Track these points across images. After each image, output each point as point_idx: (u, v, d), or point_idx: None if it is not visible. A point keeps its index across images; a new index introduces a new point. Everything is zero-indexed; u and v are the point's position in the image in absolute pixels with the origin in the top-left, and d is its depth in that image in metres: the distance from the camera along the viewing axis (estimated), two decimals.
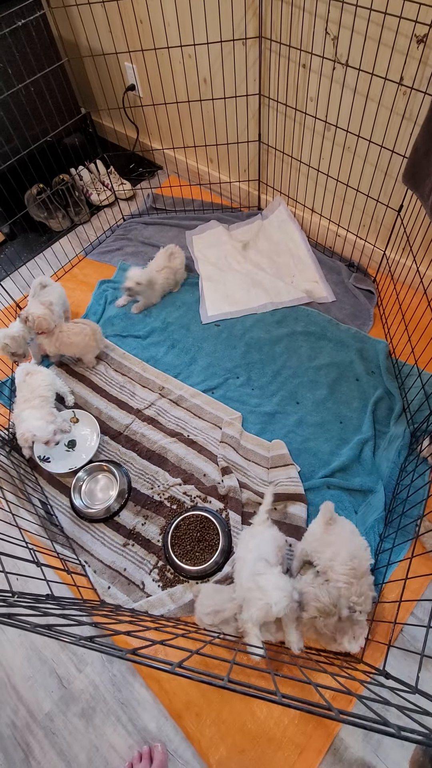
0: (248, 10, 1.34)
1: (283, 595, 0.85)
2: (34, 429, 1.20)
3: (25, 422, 1.22)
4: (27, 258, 1.86)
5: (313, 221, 1.70)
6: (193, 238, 1.83)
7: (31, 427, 1.20)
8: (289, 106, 1.45)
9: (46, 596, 0.82)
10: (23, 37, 1.51)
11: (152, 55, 1.65)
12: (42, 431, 1.20)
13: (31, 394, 1.27)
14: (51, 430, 1.21)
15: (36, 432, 1.20)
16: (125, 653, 0.46)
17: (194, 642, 0.87)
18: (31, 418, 1.22)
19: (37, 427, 1.20)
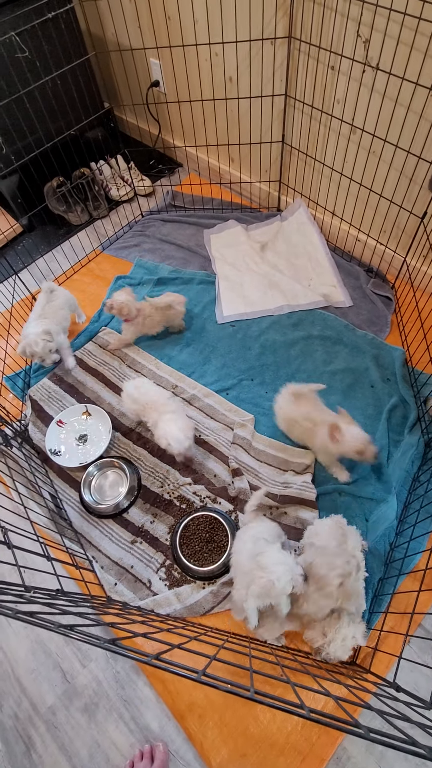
0: (279, 10, 1.33)
1: (285, 569, 0.84)
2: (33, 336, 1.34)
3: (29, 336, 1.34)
4: (44, 250, 1.87)
5: (333, 224, 1.69)
6: (210, 237, 1.83)
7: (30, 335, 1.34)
8: (315, 107, 1.44)
9: (57, 592, 0.82)
10: (52, 30, 1.51)
11: (178, 51, 1.64)
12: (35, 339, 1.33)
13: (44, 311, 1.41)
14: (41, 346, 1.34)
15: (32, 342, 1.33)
16: (151, 658, 0.45)
17: (206, 645, 0.86)
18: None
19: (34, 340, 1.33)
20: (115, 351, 1.56)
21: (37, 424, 1.42)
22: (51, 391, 1.49)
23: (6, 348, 1.50)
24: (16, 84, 1.51)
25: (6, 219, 1.90)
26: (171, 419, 1.20)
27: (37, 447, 1.38)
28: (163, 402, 1.24)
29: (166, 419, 1.21)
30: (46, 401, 1.46)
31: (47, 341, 1.36)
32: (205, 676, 0.43)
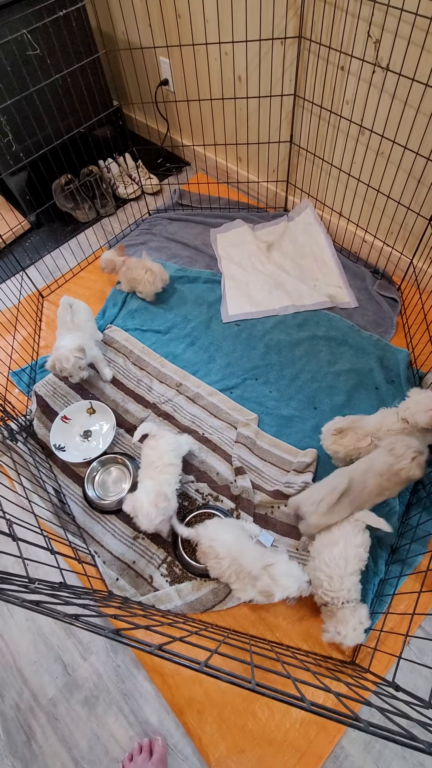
0: (290, 10, 1.33)
1: (293, 582, 0.93)
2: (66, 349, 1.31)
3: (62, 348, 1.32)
4: (52, 247, 1.88)
5: (340, 225, 1.69)
6: (217, 236, 1.83)
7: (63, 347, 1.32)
8: (324, 108, 1.44)
9: (60, 584, 0.83)
10: (63, 28, 1.52)
11: (188, 50, 1.65)
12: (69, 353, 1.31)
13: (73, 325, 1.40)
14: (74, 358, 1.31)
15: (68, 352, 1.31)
16: (154, 648, 0.46)
17: (206, 640, 0.87)
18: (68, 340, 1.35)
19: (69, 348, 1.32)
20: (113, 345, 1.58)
21: (42, 420, 1.43)
22: (56, 386, 1.50)
23: (12, 343, 1.51)
24: (26, 81, 1.52)
25: (14, 215, 1.92)
26: (146, 488, 1.10)
27: (42, 442, 1.39)
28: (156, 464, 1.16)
29: (142, 486, 1.12)
30: (51, 397, 1.48)
31: (79, 358, 1.31)
32: (207, 666, 0.44)
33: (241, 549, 1.01)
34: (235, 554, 1.00)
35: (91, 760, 0.98)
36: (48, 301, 1.73)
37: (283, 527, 1.19)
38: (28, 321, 1.63)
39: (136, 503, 1.06)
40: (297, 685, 0.48)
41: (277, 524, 1.20)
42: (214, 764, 0.95)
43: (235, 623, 1.08)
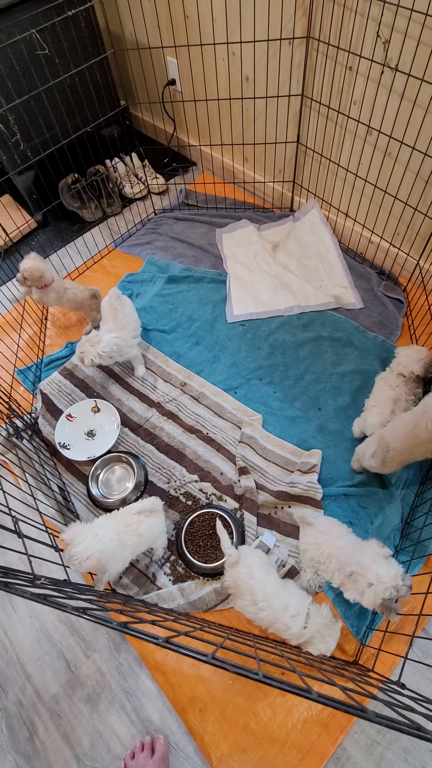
0: (298, 10, 1.33)
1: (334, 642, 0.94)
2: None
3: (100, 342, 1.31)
4: (58, 246, 1.88)
5: (346, 226, 1.69)
6: (223, 236, 1.83)
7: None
8: (332, 108, 1.43)
9: (64, 581, 0.83)
10: (72, 27, 1.53)
11: (196, 50, 1.65)
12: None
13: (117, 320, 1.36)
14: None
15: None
16: (161, 640, 0.47)
17: (211, 637, 0.87)
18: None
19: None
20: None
21: (47, 418, 1.44)
22: (61, 385, 1.50)
23: (18, 342, 1.52)
24: (35, 80, 1.53)
25: (21, 214, 1.92)
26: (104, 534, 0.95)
27: (47, 440, 1.40)
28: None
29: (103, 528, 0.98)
30: (56, 395, 1.48)
31: (95, 358, 1.31)
32: (214, 658, 0.44)
33: (283, 601, 0.94)
34: (275, 606, 0.93)
35: (93, 757, 0.99)
36: None
37: (286, 528, 1.19)
38: (34, 320, 1.64)
39: (78, 536, 0.91)
40: (303, 678, 0.48)
41: (281, 525, 1.20)
42: (215, 763, 0.95)
43: (237, 623, 1.08)
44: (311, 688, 0.40)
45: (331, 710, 0.99)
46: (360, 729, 0.97)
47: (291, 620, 0.92)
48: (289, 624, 0.92)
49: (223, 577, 1.11)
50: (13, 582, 0.49)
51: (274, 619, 0.92)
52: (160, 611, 0.92)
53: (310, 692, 0.39)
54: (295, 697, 1.01)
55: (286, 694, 1.02)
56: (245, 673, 0.43)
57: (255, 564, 0.97)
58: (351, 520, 1.19)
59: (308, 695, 0.42)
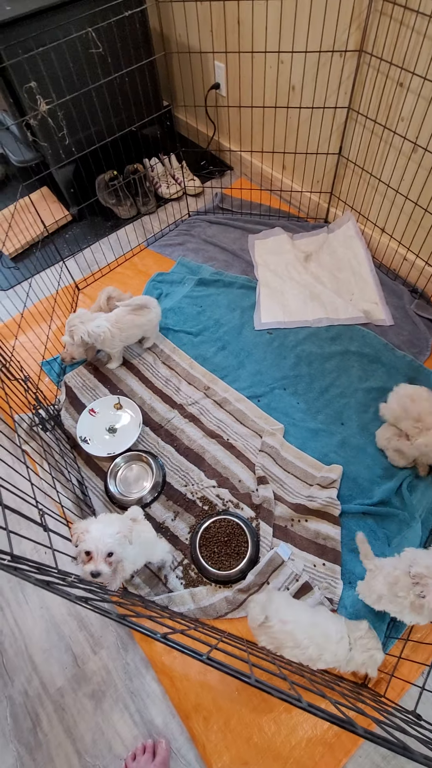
0: (353, 23, 1.32)
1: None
2: None
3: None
4: (91, 241, 1.90)
5: (381, 241, 1.67)
6: (255, 243, 1.83)
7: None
8: (378, 123, 1.42)
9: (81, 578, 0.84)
10: (127, 28, 1.55)
11: (244, 56, 1.65)
12: None
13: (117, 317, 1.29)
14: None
15: None
16: (159, 635, 0.47)
17: (211, 640, 0.87)
18: None
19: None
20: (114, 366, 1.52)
21: (70, 411, 1.45)
22: (86, 379, 1.52)
23: (48, 333, 1.54)
24: (86, 78, 1.55)
25: (59, 207, 1.95)
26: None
27: (68, 432, 1.41)
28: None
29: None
30: (80, 389, 1.49)
31: (92, 334, 1.33)
32: (209, 659, 0.43)
33: (323, 630, 0.91)
34: (317, 638, 0.90)
35: (94, 754, 0.99)
36: (83, 293, 1.76)
37: (302, 542, 1.18)
38: (64, 312, 1.66)
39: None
40: (294, 687, 0.47)
41: (296, 538, 1.19)
42: None
43: (248, 633, 1.07)
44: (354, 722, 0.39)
45: (336, 731, 0.98)
46: (365, 753, 0.96)
47: (337, 646, 0.90)
48: (336, 650, 0.89)
49: (234, 586, 1.11)
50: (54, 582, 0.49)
51: (322, 650, 0.88)
52: (155, 607, 0.92)
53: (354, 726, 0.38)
54: (300, 714, 1.00)
55: (291, 709, 1.01)
56: (237, 675, 0.43)
57: (282, 608, 0.92)
58: (368, 539, 1.17)
59: (298, 704, 0.42)
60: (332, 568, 1.13)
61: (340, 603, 1.08)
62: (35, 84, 1.44)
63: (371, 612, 1.05)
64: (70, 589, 0.51)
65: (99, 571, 0.83)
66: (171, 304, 1.69)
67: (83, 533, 0.86)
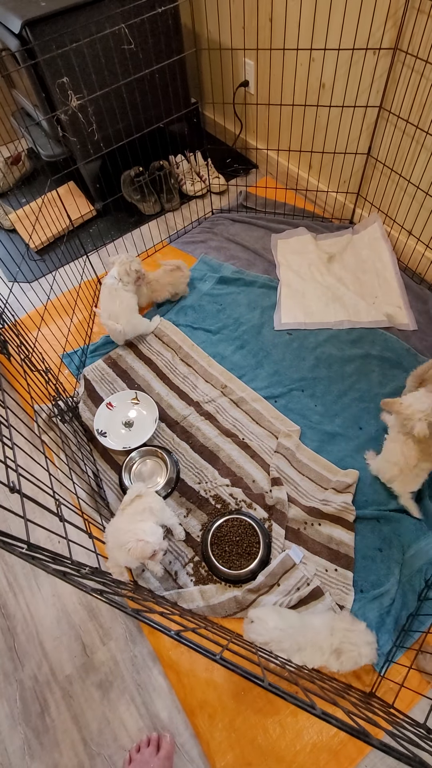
0: (389, 20, 1.30)
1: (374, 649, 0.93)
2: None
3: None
4: (115, 236, 1.92)
5: (408, 244, 1.64)
6: (278, 242, 1.82)
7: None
8: (411, 123, 1.39)
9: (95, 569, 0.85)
10: (159, 24, 1.55)
11: (275, 54, 1.64)
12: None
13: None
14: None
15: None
16: (173, 632, 0.47)
17: (221, 640, 0.87)
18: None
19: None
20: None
21: (88, 404, 1.47)
22: (104, 373, 1.53)
23: (69, 326, 1.56)
24: (117, 74, 1.56)
25: (84, 201, 1.97)
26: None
27: (85, 425, 1.42)
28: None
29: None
30: (99, 382, 1.51)
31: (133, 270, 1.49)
32: (222, 659, 0.43)
33: (309, 622, 0.95)
34: (308, 635, 0.92)
35: (99, 743, 1.00)
36: None
37: (314, 546, 1.17)
38: (85, 305, 1.68)
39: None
40: (308, 694, 0.47)
41: (309, 541, 1.18)
42: None
43: None
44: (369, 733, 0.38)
45: (341, 739, 0.97)
46: (371, 764, 0.94)
47: (319, 635, 0.90)
48: (319, 640, 0.90)
49: (245, 586, 1.11)
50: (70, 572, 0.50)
51: (315, 649, 0.90)
52: (166, 603, 0.92)
53: (368, 737, 0.38)
54: (305, 719, 0.99)
55: (297, 713, 1.00)
56: (250, 677, 0.42)
57: (269, 620, 0.93)
58: (380, 547, 1.16)
59: (312, 711, 0.41)
60: (344, 575, 1.12)
61: (351, 612, 1.07)
62: (67, 79, 1.46)
63: (380, 622, 1.04)
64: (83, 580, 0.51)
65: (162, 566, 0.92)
66: (191, 302, 1.69)
67: (142, 536, 0.95)
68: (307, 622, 0.96)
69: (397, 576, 1.09)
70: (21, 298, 1.62)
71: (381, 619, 1.05)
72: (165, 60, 1.54)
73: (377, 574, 1.12)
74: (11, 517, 1.29)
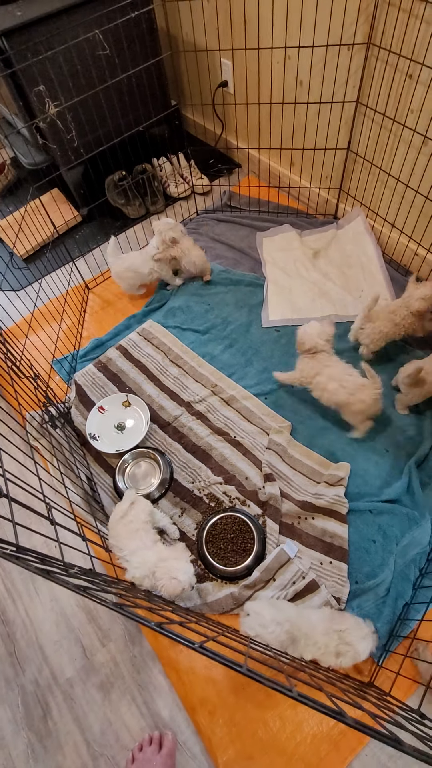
0: (361, 16, 1.31)
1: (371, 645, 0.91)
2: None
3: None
4: (101, 241, 1.93)
5: (392, 237, 1.65)
6: (263, 240, 1.83)
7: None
8: (387, 116, 1.40)
9: (89, 571, 0.85)
10: (133, 29, 1.56)
11: (251, 53, 1.65)
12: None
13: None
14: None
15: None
16: (153, 624, 0.47)
17: (236, 644, 0.88)
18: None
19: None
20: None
21: (79, 408, 1.47)
22: (95, 377, 1.54)
23: (58, 332, 1.57)
24: (94, 80, 1.57)
25: (69, 208, 1.98)
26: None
27: (78, 430, 1.43)
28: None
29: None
30: (90, 387, 1.52)
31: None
32: (201, 647, 0.44)
33: (307, 620, 0.95)
34: (303, 629, 0.92)
35: (102, 744, 1.01)
36: (93, 293, 1.78)
37: (308, 539, 1.18)
38: (74, 311, 1.69)
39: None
40: (335, 701, 0.47)
41: (303, 535, 1.19)
42: (221, 767, 0.95)
43: None
44: (344, 712, 0.39)
45: (342, 729, 0.98)
46: (371, 752, 0.96)
47: (316, 632, 0.91)
48: (316, 637, 0.90)
49: (241, 582, 1.12)
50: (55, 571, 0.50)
51: (311, 643, 0.91)
52: (181, 611, 0.93)
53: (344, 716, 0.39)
54: (305, 711, 1.00)
55: (296, 706, 1.01)
56: (228, 664, 0.43)
57: (265, 614, 0.93)
58: (374, 538, 1.17)
59: (289, 694, 0.42)
60: (339, 567, 1.13)
61: (348, 604, 1.08)
62: (44, 87, 1.47)
63: (377, 613, 1.05)
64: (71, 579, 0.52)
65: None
66: (179, 303, 1.70)
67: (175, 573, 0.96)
68: (303, 613, 0.97)
69: (392, 566, 1.10)
70: (8, 308, 1.62)
71: (378, 609, 1.06)
72: (142, 64, 1.55)
73: (371, 565, 1.13)
74: (6, 524, 1.30)
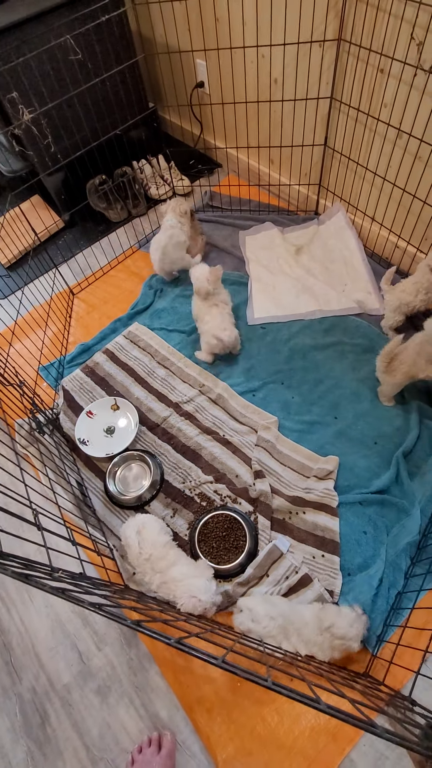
0: (330, 12, 1.32)
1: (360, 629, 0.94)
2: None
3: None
4: (84, 246, 1.92)
5: (372, 230, 1.66)
6: (246, 239, 1.83)
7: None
8: (361, 111, 1.42)
9: (79, 575, 0.85)
10: (105, 32, 1.56)
11: (225, 53, 1.65)
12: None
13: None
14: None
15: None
16: (173, 640, 0.48)
17: (220, 639, 0.88)
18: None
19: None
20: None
21: (68, 414, 1.47)
22: (83, 382, 1.54)
23: (43, 339, 1.56)
24: (68, 85, 1.57)
25: (50, 214, 1.97)
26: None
27: (67, 435, 1.43)
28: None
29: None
30: (78, 392, 1.52)
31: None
32: (224, 662, 0.44)
33: (300, 614, 0.98)
34: (296, 623, 0.96)
35: (101, 747, 1.01)
36: (78, 298, 1.78)
37: (300, 534, 1.18)
38: (59, 317, 1.68)
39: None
40: (312, 688, 0.48)
41: (294, 530, 1.19)
42: (221, 764, 0.95)
43: None
44: (320, 699, 0.40)
45: (339, 721, 0.98)
46: (368, 742, 0.96)
47: (313, 635, 0.93)
48: (307, 633, 0.92)
49: (234, 580, 1.12)
50: (33, 574, 0.50)
51: (303, 639, 0.93)
52: (171, 610, 0.93)
53: (318, 702, 0.39)
54: (302, 705, 1.00)
55: (293, 700, 1.01)
56: (254, 678, 0.44)
57: (258, 609, 0.96)
58: (365, 529, 1.18)
59: (316, 705, 0.43)
60: (331, 560, 1.14)
61: (342, 596, 1.08)
62: (17, 94, 1.46)
63: (371, 603, 1.05)
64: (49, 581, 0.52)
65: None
66: (164, 304, 1.70)
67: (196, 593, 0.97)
68: (296, 608, 0.98)
69: (384, 556, 1.11)
70: None
71: (372, 600, 1.06)
72: (115, 67, 1.55)
73: (364, 557, 1.14)
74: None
